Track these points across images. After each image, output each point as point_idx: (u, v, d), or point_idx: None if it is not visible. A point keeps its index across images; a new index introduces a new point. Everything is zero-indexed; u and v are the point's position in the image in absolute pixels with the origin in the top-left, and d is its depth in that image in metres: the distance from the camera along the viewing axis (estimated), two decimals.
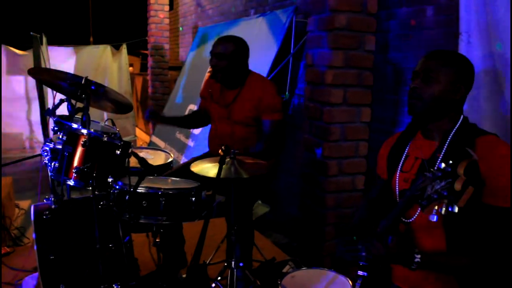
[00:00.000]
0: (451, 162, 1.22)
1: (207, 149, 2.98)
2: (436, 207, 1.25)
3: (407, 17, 2.94)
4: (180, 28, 7.75)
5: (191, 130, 5.06)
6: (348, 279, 1.91)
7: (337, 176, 3.06)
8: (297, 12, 3.99)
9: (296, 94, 4.18)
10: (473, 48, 2.21)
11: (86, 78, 2.22)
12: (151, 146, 5.97)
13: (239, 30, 4.74)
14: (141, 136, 8.62)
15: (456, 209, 1.21)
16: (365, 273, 1.65)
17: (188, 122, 3.23)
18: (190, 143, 5.03)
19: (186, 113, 5.50)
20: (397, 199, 1.70)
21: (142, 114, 8.98)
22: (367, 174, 3.16)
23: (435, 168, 1.58)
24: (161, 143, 5.90)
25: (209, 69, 5.35)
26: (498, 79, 2.12)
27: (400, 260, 1.53)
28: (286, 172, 4.22)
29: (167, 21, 7.78)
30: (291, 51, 3.97)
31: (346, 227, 1.91)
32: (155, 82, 7.77)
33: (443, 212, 1.23)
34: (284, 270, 2.67)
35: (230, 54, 2.65)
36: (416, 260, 1.49)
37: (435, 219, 1.26)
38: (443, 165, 1.24)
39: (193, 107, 5.42)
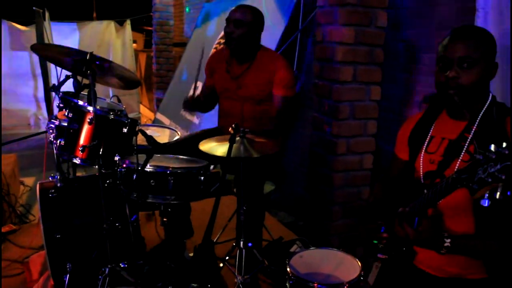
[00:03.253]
0: (505, 144, 1.12)
1: (212, 126, 2.94)
2: (488, 192, 1.17)
3: None
4: (187, 10, 7.62)
5: None
6: (357, 259, 1.89)
7: (346, 155, 3.02)
8: None
9: (304, 71, 4.11)
10: (490, 26, 2.14)
11: (91, 54, 2.16)
12: (156, 123, 5.93)
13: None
14: (145, 113, 8.58)
15: None
16: (386, 256, 1.62)
17: (203, 107, 3.10)
18: (195, 120, 4.98)
19: (192, 90, 5.44)
20: (422, 181, 1.65)
21: (146, 90, 8.93)
22: (375, 153, 3.12)
23: (464, 152, 1.53)
24: (166, 120, 5.86)
25: (215, 45, 5.29)
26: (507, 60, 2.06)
27: (429, 244, 1.48)
28: (291, 150, 4.17)
29: None
30: (299, 27, 3.89)
31: (367, 211, 1.84)
32: (160, 58, 7.70)
33: (497, 196, 1.15)
34: (292, 249, 2.66)
35: (248, 23, 2.59)
36: (446, 244, 1.44)
37: (486, 204, 1.17)
38: (493, 146, 1.14)
39: (199, 84, 5.34)
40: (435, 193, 1.39)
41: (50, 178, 2.40)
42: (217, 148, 2.06)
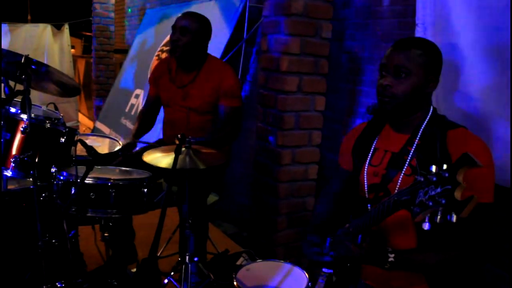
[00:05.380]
0: (446, 166, 1.11)
1: (153, 136, 2.84)
2: (429, 215, 1.14)
3: (364, 6, 2.92)
4: (129, 10, 7.45)
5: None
6: (304, 271, 1.87)
7: (290, 165, 3.02)
8: None
9: (248, 80, 4.10)
10: (429, 39, 2.21)
11: (27, 57, 2.02)
12: (96, 132, 5.72)
13: None
14: (84, 121, 8.28)
15: (454, 219, 1.10)
16: (331, 270, 1.60)
17: (148, 124, 2.90)
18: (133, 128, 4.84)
19: (132, 98, 5.31)
20: (366, 194, 1.64)
21: (85, 98, 8.62)
22: (320, 163, 3.14)
23: (406, 165, 1.54)
24: (106, 129, 5.66)
25: (157, 52, 5.19)
26: (454, 71, 2.13)
27: (373, 260, 1.47)
28: (234, 160, 4.13)
29: (113, 1, 7.48)
30: (244, 36, 3.87)
31: (311, 226, 1.83)
32: (100, 65, 7.46)
33: (438, 220, 1.12)
34: (238, 262, 2.61)
35: (195, 31, 2.52)
36: (390, 259, 1.44)
37: (427, 227, 1.15)
38: (434, 168, 1.13)
39: (139, 91, 5.22)
40: (378, 213, 1.38)
41: None
42: (161, 159, 1.98)
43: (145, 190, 1.97)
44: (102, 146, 2.76)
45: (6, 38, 6.74)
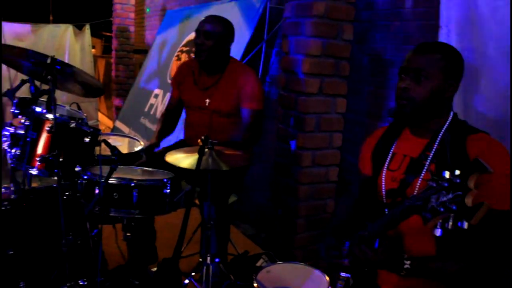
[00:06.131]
0: (458, 172, 1.10)
1: (173, 137, 2.85)
2: (440, 221, 1.14)
3: (386, 7, 2.90)
4: (147, 10, 7.51)
5: (157, 115, 4.91)
6: (324, 274, 1.86)
7: (311, 167, 3.01)
8: None
9: (267, 82, 4.09)
10: (453, 43, 2.19)
11: (53, 58, 2.05)
12: (115, 131, 5.77)
13: (210, 14, 4.59)
14: (104, 121, 8.36)
15: (465, 225, 1.09)
16: (349, 275, 1.60)
17: (170, 125, 2.93)
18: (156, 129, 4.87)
19: (152, 98, 5.34)
20: (384, 199, 1.63)
21: (104, 98, 8.71)
22: (340, 165, 3.13)
23: (425, 170, 1.52)
24: (125, 129, 5.72)
25: (177, 53, 5.22)
26: (476, 75, 2.10)
27: (389, 266, 1.46)
28: (253, 161, 4.14)
29: (133, 2, 7.53)
30: (264, 37, 3.87)
31: (330, 229, 1.82)
32: (119, 65, 7.53)
33: (450, 227, 1.12)
34: (258, 264, 2.60)
35: (218, 34, 2.54)
36: (406, 266, 1.42)
37: (439, 233, 1.15)
38: (447, 173, 1.12)
39: (158, 91, 5.26)
40: (392, 218, 1.38)
41: (3, 190, 2.25)
42: (183, 160, 2.00)
43: (168, 191, 1.98)
44: (122, 146, 2.78)
45: (29, 38, 6.83)
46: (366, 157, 1.78)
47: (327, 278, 1.83)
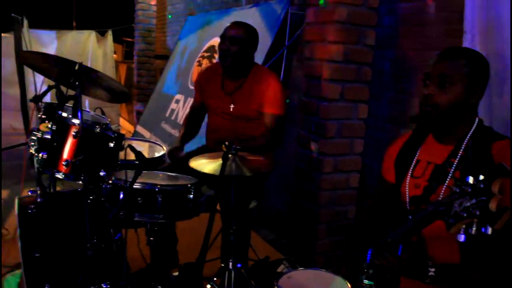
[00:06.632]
0: (482, 177, 1.09)
1: (195, 142, 2.87)
2: (464, 226, 1.13)
3: (409, 12, 2.88)
4: (169, 16, 7.59)
5: (178, 120, 4.95)
6: (346, 281, 1.86)
7: (332, 174, 3.00)
8: (292, 4, 3.89)
9: (289, 87, 4.09)
10: (478, 48, 2.16)
11: (81, 64, 2.09)
12: (136, 136, 5.83)
13: (231, 20, 4.59)
14: (125, 125, 8.45)
15: (489, 231, 1.08)
16: (372, 282, 1.58)
17: (194, 130, 2.96)
18: (177, 134, 4.90)
19: (173, 103, 5.39)
20: (407, 206, 1.62)
21: (125, 102, 8.81)
22: (361, 172, 3.11)
23: (449, 177, 1.50)
24: (146, 133, 5.77)
25: (198, 58, 5.26)
26: (501, 81, 2.08)
27: (413, 273, 1.45)
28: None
29: (155, 8, 7.63)
30: (286, 43, 3.88)
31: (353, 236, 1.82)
32: (141, 70, 7.62)
33: (473, 232, 1.11)
34: (279, 269, 2.61)
35: (244, 40, 2.57)
36: (430, 274, 1.41)
37: (462, 239, 1.14)
38: (471, 179, 1.11)
39: (180, 97, 5.30)
40: (415, 223, 1.36)
41: (29, 193, 2.30)
42: (206, 165, 2.01)
43: (191, 196, 2.00)
44: (143, 151, 2.81)
45: (53, 44, 6.97)
46: (389, 164, 1.77)
47: (349, 285, 1.82)
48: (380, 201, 1.84)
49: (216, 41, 4.96)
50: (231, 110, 2.61)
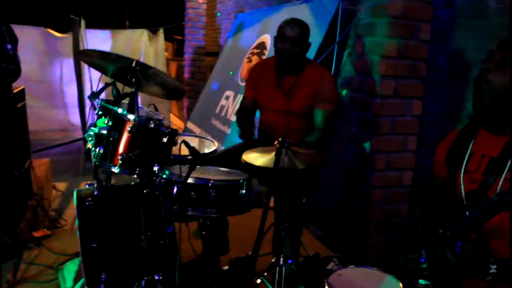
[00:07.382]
0: None
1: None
2: None
3: (467, 5, 2.77)
4: (218, 14, 7.66)
5: (228, 117, 4.99)
6: (398, 280, 1.81)
7: (385, 171, 2.95)
8: None
9: (339, 83, 4.04)
10: None
11: (137, 61, 2.14)
12: (187, 132, 5.93)
13: (281, 16, 4.60)
14: (175, 121, 8.62)
15: None
16: (428, 282, 1.54)
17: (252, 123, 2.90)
18: (227, 130, 4.96)
19: (223, 99, 5.44)
20: (464, 202, 1.57)
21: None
22: (415, 169, 3.03)
23: (507, 169, 1.45)
24: (196, 129, 5.87)
25: (248, 55, 5.28)
26: None
27: (474, 271, 1.38)
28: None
29: (204, 6, 7.72)
30: (336, 39, 3.83)
31: (407, 235, 1.77)
32: (191, 67, 7.74)
33: None
34: (329, 267, 2.58)
35: (305, 40, 2.54)
36: (492, 271, 1.34)
37: None
38: None
39: (229, 93, 5.34)
40: (477, 217, 1.30)
41: (86, 186, 2.38)
42: (258, 159, 2.00)
43: (243, 191, 2.01)
44: (196, 146, 2.85)
45: (108, 43, 7.20)
46: (440, 161, 1.74)
47: (401, 285, 1.77)
48: (433, 199, 1.79)
49: (266, 38, 4.97)
50: (286, 106, 2.59)
